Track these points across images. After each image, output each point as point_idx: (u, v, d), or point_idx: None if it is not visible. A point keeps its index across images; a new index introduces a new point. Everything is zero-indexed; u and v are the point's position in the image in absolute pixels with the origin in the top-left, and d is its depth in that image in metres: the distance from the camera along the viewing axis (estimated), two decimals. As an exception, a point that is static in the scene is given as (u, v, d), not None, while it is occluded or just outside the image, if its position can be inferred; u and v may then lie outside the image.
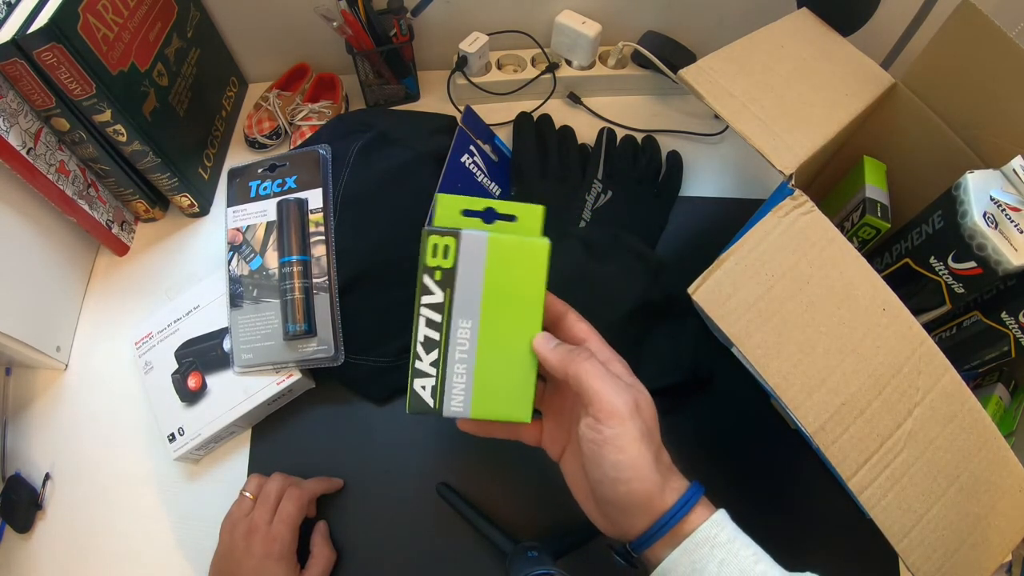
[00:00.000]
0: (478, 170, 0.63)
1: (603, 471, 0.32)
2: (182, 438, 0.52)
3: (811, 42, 0.52)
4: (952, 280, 0.45)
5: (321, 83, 0.76)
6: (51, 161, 0.55)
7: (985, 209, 0.42)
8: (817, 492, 0.52)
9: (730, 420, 0.55)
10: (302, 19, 0.68)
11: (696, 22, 0.72)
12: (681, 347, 0.55)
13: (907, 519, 0.35)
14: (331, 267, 0.55)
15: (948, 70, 0.49)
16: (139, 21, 0.57)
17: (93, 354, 0.61)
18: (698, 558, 0.31)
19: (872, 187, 0.52)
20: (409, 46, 0.70)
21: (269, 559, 0.45)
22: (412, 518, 0.52)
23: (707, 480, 0.52)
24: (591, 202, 0.63)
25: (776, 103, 0.45)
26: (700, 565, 0.30)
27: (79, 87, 0.51)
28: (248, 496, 0.48)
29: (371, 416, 0.56)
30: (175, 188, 0.64)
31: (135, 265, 0.66)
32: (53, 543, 0.53)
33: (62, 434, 0.57)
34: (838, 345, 0.37)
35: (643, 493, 0.32)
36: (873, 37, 0.55)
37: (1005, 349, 0.46)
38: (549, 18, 0.72)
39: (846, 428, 0.35)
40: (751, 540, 0.32)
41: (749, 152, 0.43)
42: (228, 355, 0.54)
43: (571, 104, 0.75)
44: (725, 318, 0.37)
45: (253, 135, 0.71)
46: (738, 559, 0.30)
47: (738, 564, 0.30)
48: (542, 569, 0.41)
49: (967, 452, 0.36)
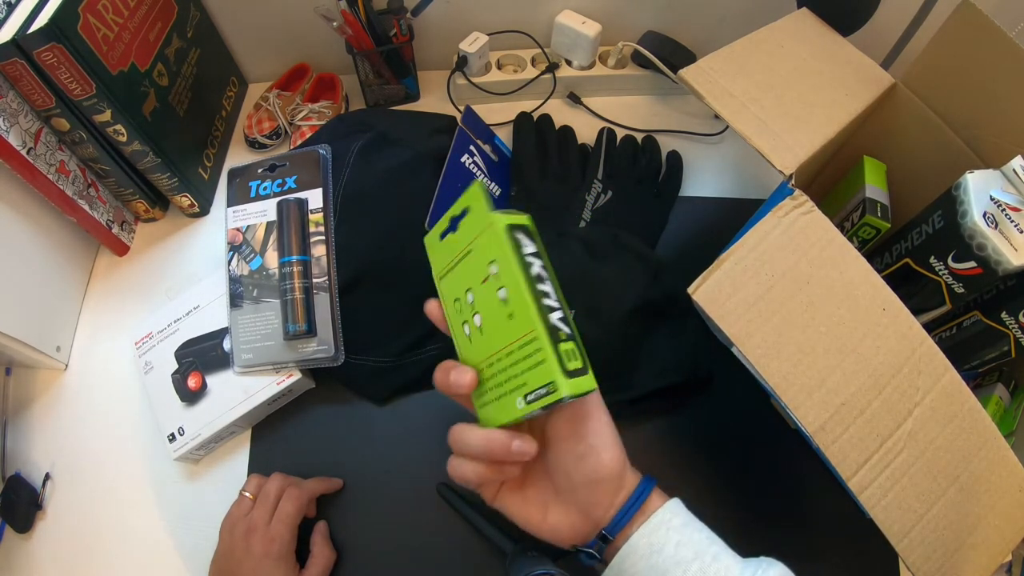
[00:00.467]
0: (478, 170, 0.63)
1: (587, 443, 0.33)
2: (182, 438, 0.52)
3: (811, 42, 0.52)
4: (952, 280, 0.45)
5: (321, 83, 0.76)
6: (51, 161, 0.55)
7: (985, 209, 0.42)
8: (817, 492, 0.52)
9: (730, 420, 0.55)
10: (302, 19, 0.68)
11: (696, 22, 0.72)
12: (681, 347, 0.55)
13: (907, 519, 0.35)
14: (331, 267, 0.55)
15: (948, 70, 0.49)
16: (139, 21, 0.57)
17: (93, 354, 0.61)
18: (655, 540, 0.32)
19: (872, 187, 0.52)
20: (409, 46, 0.70)
21: (268, 559, 0.45)
22: (412, 518, 0.52)
23: (707, 480, 0.53)
24: (591, 202, 0.63)
25: (776, 103, 0.45)
26: (658, 546, 0.32)
27: (79, 87, 0.51)
28: (248, 496, 0.48)
29: (371, 416, 0.56)
30: (175, 188, 0.64)
31: (135, 265, 0.66)
32: (53, 543, 0.53)
33: (62, 434, 0.57)
34: (838, 345, 0.37)
35: (618, 463, 0.34)
36: (873, 37, 0.55)
37: (1005, 349, 0.46)
38: (549, 18, 0.72)
39: (846, 428, 0.35)
40: (704, 526, 0.34)
41: (749, 152, 0.44)
42: (228, 355, 0.54)
43: (571, 104, 0.75)
44: (725, 318, 0.37)
45: (253, 135, 0.71)
46: (693, 541, 0.33)
47: (693, 545, 0.32)
48: (542, 569, 0.41)
49: (967, 452, 0.36)
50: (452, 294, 0.34)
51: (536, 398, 0.30)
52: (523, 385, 0.30)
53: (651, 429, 0.55)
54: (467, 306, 0.33)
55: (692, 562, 0.32)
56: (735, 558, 0.33)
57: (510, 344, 0.31)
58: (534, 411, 0.30)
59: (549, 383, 0.29)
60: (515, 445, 0.31)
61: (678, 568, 0.31)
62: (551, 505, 0.35)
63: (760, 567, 0.32)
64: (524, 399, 0.30)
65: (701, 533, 0.33)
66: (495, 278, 0.31)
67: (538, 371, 0.30)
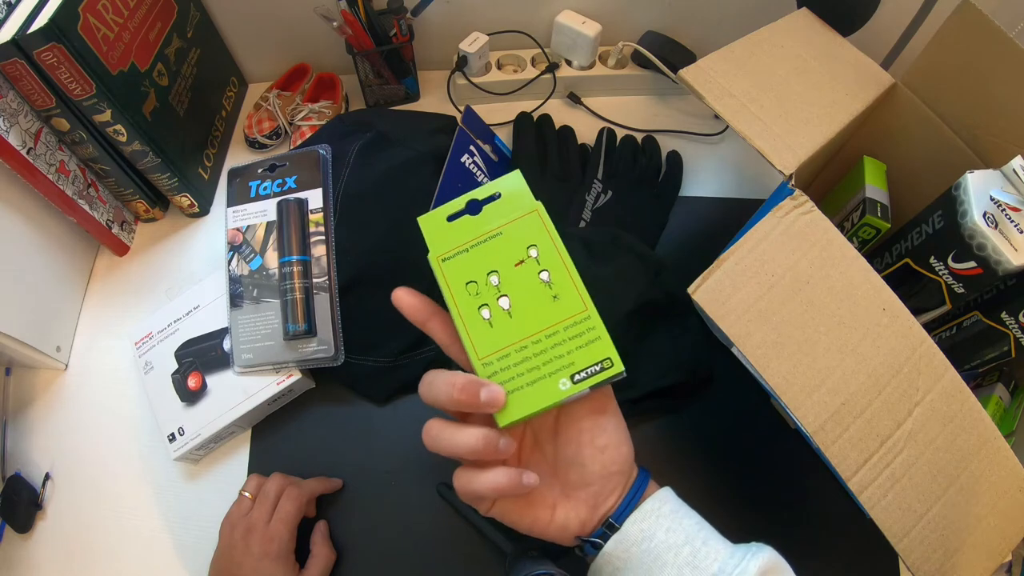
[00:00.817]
0: (478, 170, 0.63)
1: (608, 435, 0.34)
2: (182, 438, 0.52)
3: (811, 42, 0.52)
4: (952, 280, 0.45)
5: (321, 83, 0.76)
6: (51, 161, 0.55)
7: (985, 209, 0.42)
8: (817, 492, 0.52)
9: (730, 420, 0.55)
10: (302, 19, 0.68)
11: (696, 22, 0.72)
12: (681, 347, 0.55)
13: (907, 519, 0.35)
14: (331, 267, 0.55)
15: (948, 70, 0.49)
16: (139, 21, 0.57)
17: (93, 354, 0.61)
18: (646, 527, 0.33)
19: (872, 187, 0.52)
20: (409, 46, 0.70)
21: (266, 559, 0.45)
22: (412, 518, 0.52)
23: (707, 480, 0.53)
24: (591, 202, 0.63)
25: (776, 103, 0.45)
26: (649, 532, 0.33)
27: (79, 87, 0.51)
28: (247, 496, 0.49)
29: (371, 416, 0.56)
30: (175, 188, 0.64)
31: (135, 265, 0.66)
32: (53, 543, 0.53)
33: (62, 434, 0.57)
34: (838, 345, 0.37)
35: (632, 455, 0.35)
36: (873, 37, 0.55)
37: (1005, 349, 0.46)
38: (549, 18, 0.72)
39: (846, 428, 0.35)
40: (694, 512, 0.35)
41: (749, 152, 0.44)
42: (228, 355, 0.54)
43: (571, 104, 0.75)
44: (725, 318, 0.37)
45: (253, 135, 0.72)
46: (683, 527, 0.33)
47: (683, 531, 0.33)
48: (542, 569, 0.41)
49: (967, 452, 0.36)
50: (464, 276, 0.34)
51: (586, 376, 0.32)
52: (570, 365, 0.32)
53: (651, 429, 0.55)
54: (489, 288, 0.34)
55: (683, 546, 0.32)
56: (725, 542, 0.33)
57: (553, 325, 0.33)
58: (580, 392, 0.32)
59: (605, 359, 0.32)
60: (503, 442, 0.31)
61: (669, 552, 0.32)
62: (559, 503, 0.35)
63: (750, 550, 0.32)
64: (571, 379, 0.32)
65: (691, 519, 0.34)
66: (534, 261, 0.34)
67: (591, 348, 0.32)
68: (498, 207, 0.35)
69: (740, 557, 0.32)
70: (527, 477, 0.31)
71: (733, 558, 0.32)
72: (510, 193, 0.35)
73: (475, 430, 0.31)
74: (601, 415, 0.34)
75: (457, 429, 0.31)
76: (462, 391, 0.30)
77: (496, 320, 0.33)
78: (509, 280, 0.33)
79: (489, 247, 0.34)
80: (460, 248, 0.34)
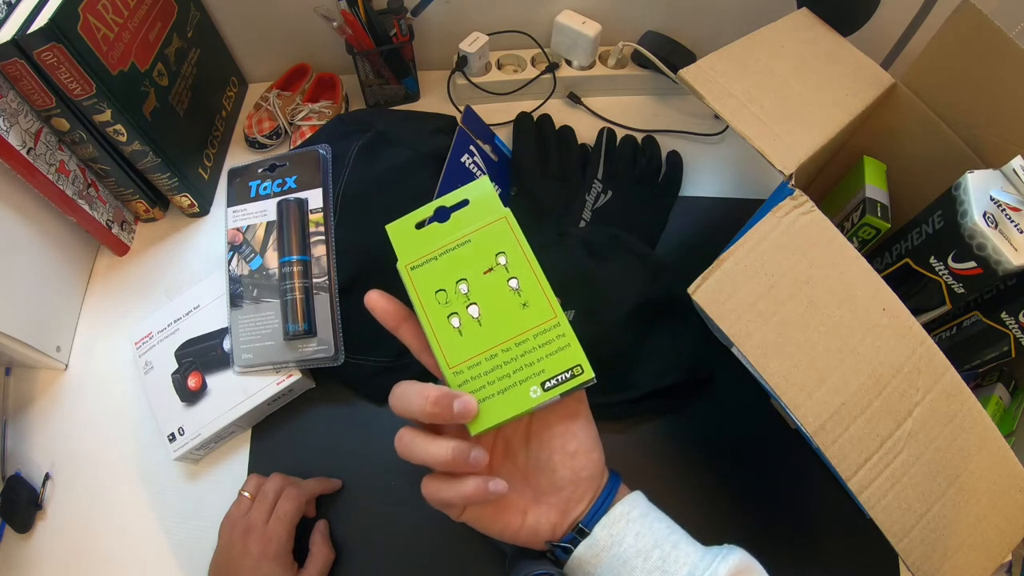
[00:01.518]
0: (478, 170, 0.63)
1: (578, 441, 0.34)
2: (182, 438, 0.52)
3: (811, 42, 0.52)
4: (952, 280, 0.45)
5: (321, 83, 0.76)
6: (51, 161, 0.55)
7: (985, 209, 0.42)
8: (817, 492, 0.52)
9: (730, 420, 0.55)
10: (302, 19, 0.68)
11: (696, 22, 0.72)
12: (681, 347, 0.55)
13: (907, 519, 0.35)
14: (331, 267, 0.55)
15: (948, 70, 0.49)
16: (139, 21, 0.57)
17: (93, 354, 0.61)
18: (616, 531, 0.33)
19: (872, 187, 0.52)
20: (409, 46, 0.70)
21: (264, 559, 0.45)
22: (412, 518, 0.52)
23: (706, 480, 0.53)
24: (591, 202, 0.63)
25: (776, 103, 0.45)
26: (619, 537, 0.33)
27: (79, 87, 0.51)
28: (247, 496, 0.49)
29: (371, 416, 0.56)
30: (175, 188, 0.64)
31: (135, 265, 0.66)
32: (53, 543, 0.53)
33: (62, 434, 0.57)
34: (838, 345, 0.37)
35: (603, 460, 0.35)
36: (873, 37, 0.55)
37: (1005, 349, 0.46)
38: (549, 18, 0.72)
39: (846, 428, 0.35)
40: (665, 516, 0.35)
41: (749, 152, 0.44)
42: (228, 355, 0.54)
43: (571, 104, 0.75)
44: (725, 318, 0.37)
45: (253, 135, 0.72)
46: (652, 531, 0.33)
47: (653, 535, 0.33)
48: (542, 569, 0.41)
49: (967, 452, 0.36)
50: (433, 285, 0.34)
51: (557, 384, 0.32)
52: (540, 373, 0.32)
53: (651, 429, 0.55)
54: (458, 296, 0.33)
55: (652, 551, 0.32)
56: (695, 546, 0.33)
57: (523, 333, 0.32)
58: (551, 399, 0.32)
59: (575, 366, 0.32)
60: (473, 455, 0.31)
61: (639, 557, 0.32)
62: (530, 508, 0.35)
63: (720, 553, 0.32)
64: (541, 387, 0.32)
65: (661, 523, 0.34)
66: (503, 268, 0.33)
67: (561, 356, 0.32)
68: (467, 214, 0.34)
69: (710, 560, 0.32)
70: (494, 484, 0.31)
71: (703, 561, 0.32)
72: (478, 200, 0.34)
73: (447, 443, 0.31)
74: (573, 421, 0.34)
75: (429, 440, 0.31)
76: (435, 404, 0.30)
77: (466, 328, 0.33)
78: (478, 288, 0.33)
79: (458, 255, 0.34)
80: (429, 256, 0.34)
